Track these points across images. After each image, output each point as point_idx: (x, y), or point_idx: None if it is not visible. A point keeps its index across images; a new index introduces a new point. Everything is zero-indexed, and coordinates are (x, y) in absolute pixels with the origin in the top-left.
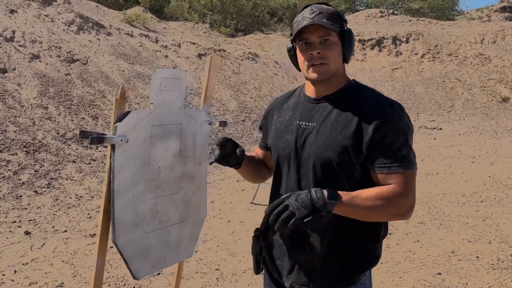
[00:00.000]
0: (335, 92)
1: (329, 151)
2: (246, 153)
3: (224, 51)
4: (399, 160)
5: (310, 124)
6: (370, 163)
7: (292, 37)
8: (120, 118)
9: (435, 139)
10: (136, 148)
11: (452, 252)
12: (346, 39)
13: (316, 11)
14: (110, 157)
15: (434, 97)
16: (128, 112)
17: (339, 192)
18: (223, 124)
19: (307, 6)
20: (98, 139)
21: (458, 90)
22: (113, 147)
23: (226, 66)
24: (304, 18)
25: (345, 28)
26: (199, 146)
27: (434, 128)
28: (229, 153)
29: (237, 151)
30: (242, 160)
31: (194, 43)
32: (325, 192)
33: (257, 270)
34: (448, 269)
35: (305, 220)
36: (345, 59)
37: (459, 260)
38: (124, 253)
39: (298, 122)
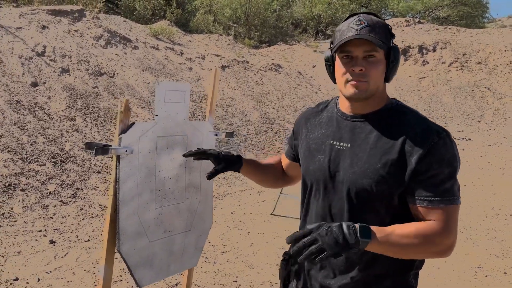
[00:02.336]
0: (375, 112)
1: (365, 179)
2: (260, 159)
3: (248, 62)
4: (441, 194)
5: (344, 144)
6: (409, 194)
7: (333, 46)
8: (124, 130)
9: (463, 150)
10: (141, 158)
11: (479, 267)
12: (392, 57)
13: (364, 23)
14: (116, 168)
15: (463, 107)
16: (133, 124)
17: (372, 228)
18: (230, 135)
19: (354, 14)
20: (103, 150)
21: (488, 100)
22: (118, 157)
23: (249, 77)
24: (350, 28)
25: (392, 44)
26: None
27: (463, 138)
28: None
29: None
30: (238, 167)
31: (218, 55)
32: (357, 227)
33: None
34: (473, 285)
35: (335, 259)
36: (387, 78)
37: (486, 276)
38: (128, 261)
39: (331, 141)
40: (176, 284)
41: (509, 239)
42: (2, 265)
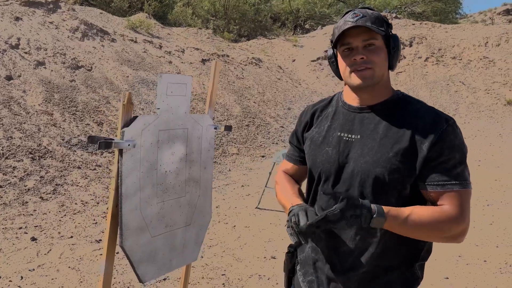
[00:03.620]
0: (382, 102)
1: (378, 168)
2: (294, 187)
3: (228, 56)
4: (454, 178)
5: (353, 136)
6: (422, 181)
7: (332, 43)
8: (127, 123)
9: None
10: (144, 152)
11: (460, 256)
12: (392, 44)
13: (360, 15)
14: (118, 162)
15: (439, 101)
16: (135, 117)
17: (391, 208)
18: (228, 128)
19: (349, 11)
20: (106, 144)
21: (463, 94)
22: (120, 152)
23: (230, 71)
24: (346, 22)
25: (391, 33)
26: (204, 150)
27: None
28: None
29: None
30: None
31: (197, 49)
32: (376, 207)
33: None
34: (455, 274)
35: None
36: (391, 66)
37: (467, 264)
38: (131, 257)
39: (339, 133)
40: (164, 279)
41: (487, 228)
42: None
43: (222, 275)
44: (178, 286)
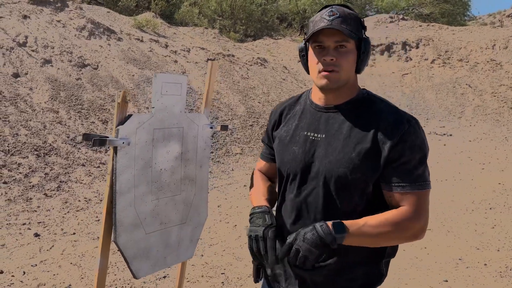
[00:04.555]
0: (347, 102)
1: (341, 168)
2: (265, 192)
3: (233, 56)
4: (414, 180)
5: (318, 135)
6: (384, 181)
7: (306, 37)
8: (122, 121)
9: (444, 145)
10: (138, 150)
11: (460, 259)
12: (363, 48)
13: (336, 14)
14: (113, 159)
15: (444, 103)
16: (130, 116)
17: (345, 222)
18: (225, 128)
19: (327, 6)
20: (101, 142)
21: (469, 96)
22: (115, 149)
23: (235, 71)
24: (322, 19)
25: (364, 36)
26: (200, 149)
27: (444, 134)
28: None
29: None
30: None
31: (203, 48)
32: (330, 225)
33: (256, 278)
34: (455, 277)
35: (319, 260)
36: (358, 70)
37: (467, 268)
38: (125, 252)
39: (305, 133)
40: (164, 277)
41: (489, 232)
42: None
43: (222, 273)
44: (176, 283)
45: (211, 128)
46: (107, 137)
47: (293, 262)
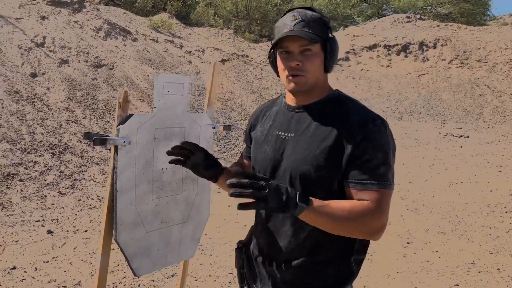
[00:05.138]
0: (316, 102)
1: (305, 165)
2: (229, 166)
3: (247, 56)
4: (375, 178)
5: (288, 134)
6: (345, 178)
7: (272, 43)
8: (123, 121)
9: (461, 147)
10: (139, 149)
11: (472, 263)
12: (329, 48)
13: (298, 18)
14: (114, 158)
15: (462, 104)
16: (131, 115)
17: (311, 198)
18: (227, 128)
19: (290, 10)
20: (101, 141)
21: (487, 97)
22: (116, 148)
23: (249, 72)
24: (285, 25)
25: (330, 36)
26: None
27: (461, 136)
28: (201, 163)
29: (207, 162)
30: (218, 173)
31: (217, 49)
32: (298, 193)
33: (241, 284)
34: (466, 281)
35: (269, 212)
36: (326, 69)
37: (479, 272)
38: (125, 251)
39: (277, 132)
40: (172, 275)
41: (504, 236)
42: (0, 254)
43: (229, 273)
44: (186, 282)
45: (214, 128)
46: (108, 136)
47: (242, 186)
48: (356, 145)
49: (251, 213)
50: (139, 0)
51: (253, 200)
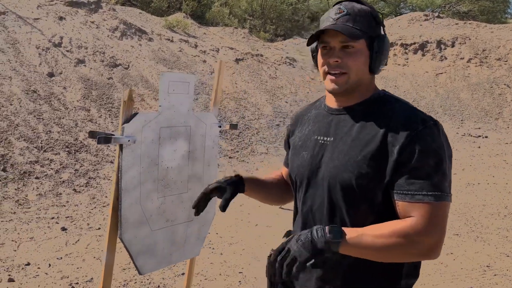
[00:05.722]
0: (359, 103)
1: (346, 173)
2: (260, 176)
3: (262, 56)
4: (426, 189)
5: (327, 138)
6: (392, 189)
7: (313, 38)
8: (127, 119)
9: (479, 147)
10: (144, 148)
11: (488, 266)
12: (375, 47)
13: (343, 12)
14: (118, 157)
15: (481, 104)
16: (136, 114)
17: (345, 228)
18: (234, 127)
19: (337, 3)
20: (106, 139)
21: (507, 97)
22: (121, 147)
23: (263, 71)
24: (328, 18)
25: (381, 32)
26: (208, 147)
27: (479, 136)
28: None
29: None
30: (240, 191)
31: (232, 48)
32: (327, 229)
33: None
34: (481, 284)
35: (307, 264)
36: (372, 69)
37: (494, 275)
38: (130, 249)
39: (316, 137)
40: (183, 274)
41: None
42: (15, 250)
43: (239, 273)
44: (195, 280)
45: (219, 127)
46: (113, 134)
47: (281, 263)
48: (402, 150)
49: (263, 213)
50: (155, 0)
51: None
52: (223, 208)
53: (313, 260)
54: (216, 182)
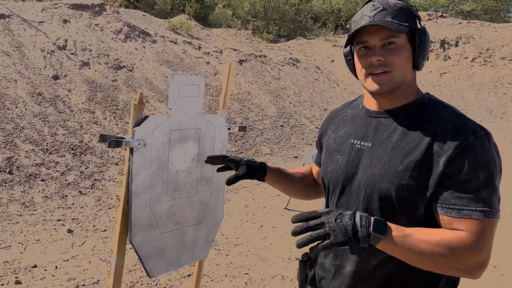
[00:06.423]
0: (402, 107)
1: (384, 183)
2: (287, 169)
3: (265, 57)
4: (474, 204)
5: (365, 143)
6: (436, 202)
7: (348, 39)
8: (138, 123)
9: None
10: (154, 151)
11: (495, 266)
12: (417, 40)
13: (379, 7)
14: (129, 160)
15: (485, 103)
16: (146, 117)
17: (391, 225)
18: (243, 129)
19: (369, 1)
20: (116, 143)
21: None
22: (131, 150)
23: (267, 72)
24: (363, 17)
25: (418, 26)
26: (217, 150)
27: None
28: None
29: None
30: (263, 176)
31: (235, 50)
32: (372, 220)
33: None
34: (488, 284)
35: (340, 248)
36: (416, 66)
37: (502, 275)
38: (140, 252)
39: (352, 140)
40: (189, 275)
41: None
42: (22, 253)
43: (246, 274)
44: (202, 282)
45: (229, 129)
46: (124, 138)
47: (302, 232)
48: (449, 162)
49: (268, 214)
50: (158, 2)
51: (317, 243)
52: (229, 182)
53: (346, 246)
54: (237, 157)
